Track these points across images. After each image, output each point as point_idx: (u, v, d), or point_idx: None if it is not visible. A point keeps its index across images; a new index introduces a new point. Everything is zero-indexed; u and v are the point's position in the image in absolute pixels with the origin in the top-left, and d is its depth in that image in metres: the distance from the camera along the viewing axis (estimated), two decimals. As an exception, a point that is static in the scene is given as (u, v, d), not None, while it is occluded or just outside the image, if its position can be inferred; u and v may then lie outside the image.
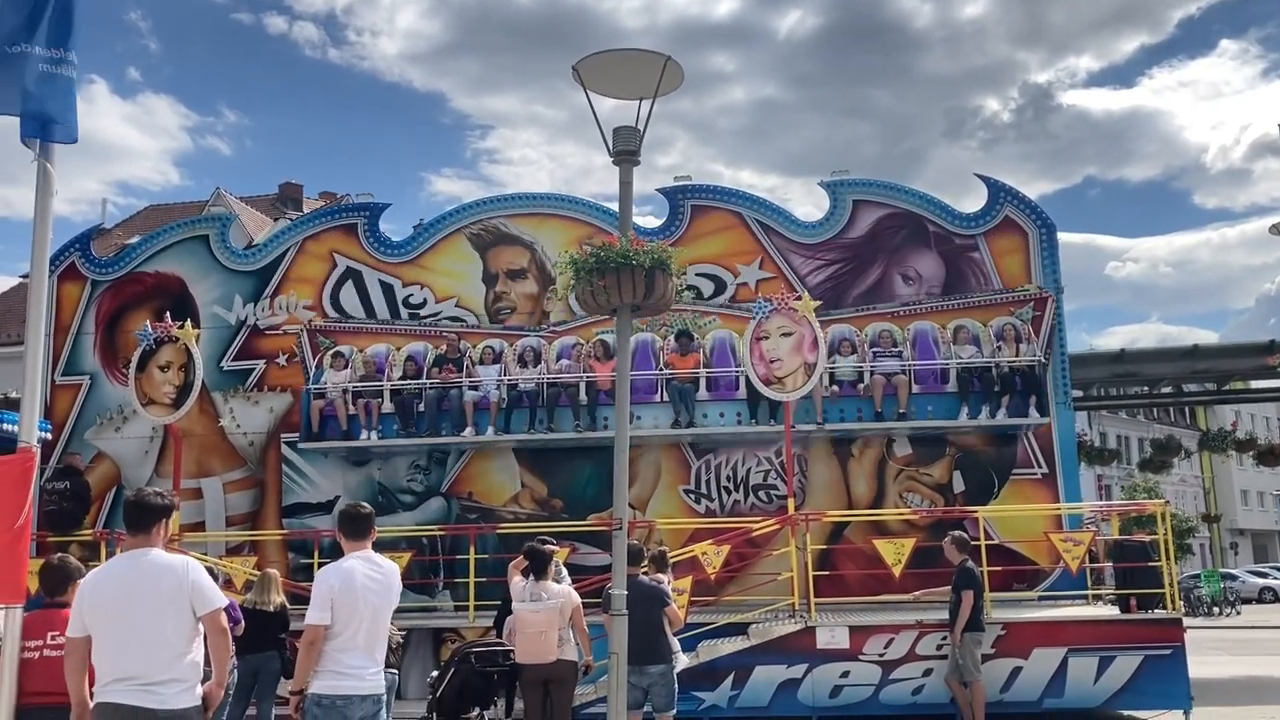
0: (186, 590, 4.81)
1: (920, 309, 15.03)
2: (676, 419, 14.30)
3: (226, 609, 5.05)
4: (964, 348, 14.41)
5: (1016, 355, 14.14)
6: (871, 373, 14.19)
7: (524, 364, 14.87)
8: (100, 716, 4.72)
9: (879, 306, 15.12)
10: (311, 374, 15.32)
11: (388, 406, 14.84)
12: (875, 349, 14.51)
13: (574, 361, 14.87)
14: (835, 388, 14.27)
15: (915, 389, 14.18)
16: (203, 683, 4.92)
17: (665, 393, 14.45)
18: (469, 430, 14.52)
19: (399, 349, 15.39)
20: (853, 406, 14.31)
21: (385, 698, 5.74)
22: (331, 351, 15.34)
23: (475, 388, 14.65)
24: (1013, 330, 14.39)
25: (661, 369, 14.58)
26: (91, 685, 4.83)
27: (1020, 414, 13.97)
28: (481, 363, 14.97)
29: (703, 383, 14.52)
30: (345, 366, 15.12)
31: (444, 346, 15.19)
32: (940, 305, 15.03)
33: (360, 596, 5.55)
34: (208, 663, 4.98)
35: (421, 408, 14.71)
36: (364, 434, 14.71)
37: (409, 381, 14.88)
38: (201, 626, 4.86)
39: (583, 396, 14.54)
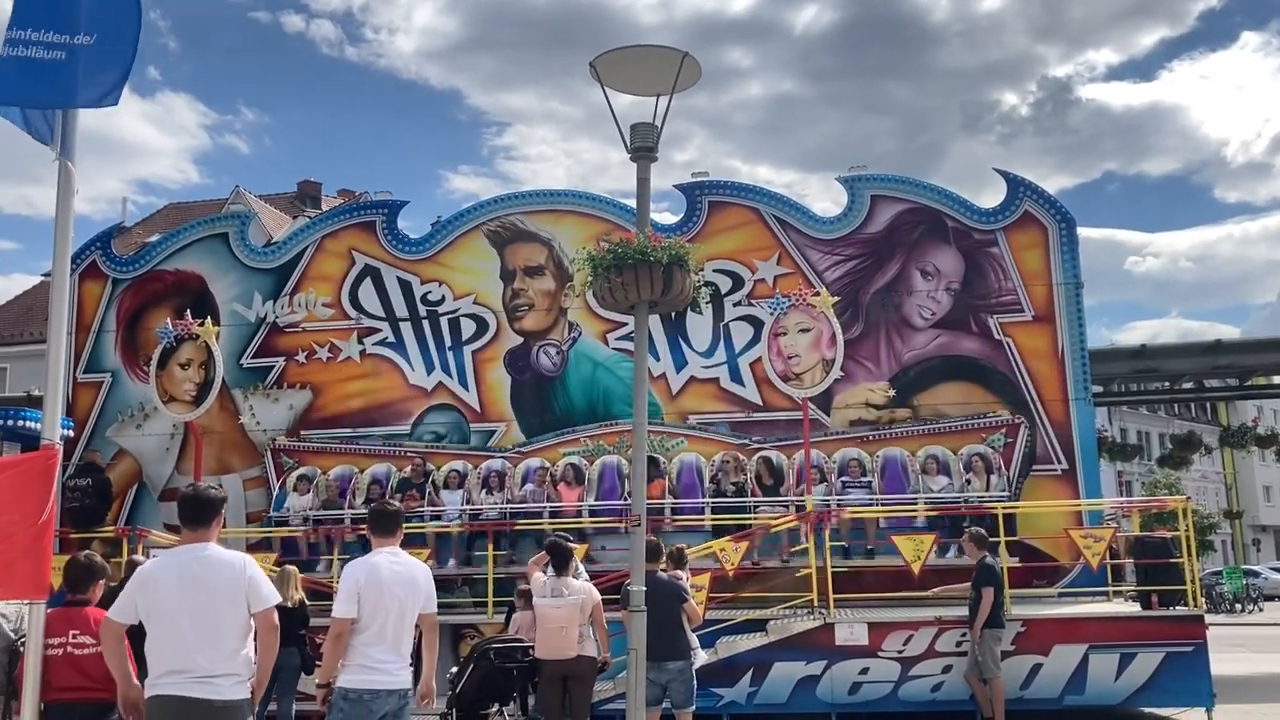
0: (244, 586, 4.91)
1: (889, 434, 14.62)
2: None
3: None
4: (935, 479, 13.85)
5: (987, 488, 13.47)
6: (838, 504, 13.31)
7: (488, 488, 14.48)
8: (157, 709, 4.78)
9: (846, 432, 14.69)
10: (274, 497, 15.05)
11: (350, 536, 13.87)
12: (844, 479, 14.00)
13: (538, 486, 14.39)
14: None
15: (882, 524, 13.28)
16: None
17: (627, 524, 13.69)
18: (430, 562, 13.55)
19: (363, 471, 15.20)
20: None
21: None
22: (296, 474, 15.05)
23: (438, 516, 14.09)
24: (982, 461, 13.85)
25: (626, 496, 13.68)
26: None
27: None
28: (446, 486, 14.54)
29: (668, 511, 13.88)
30: (309, 490, 14.75)
31: (409, 469, 14.82)
32: (909, 431, 14.65)
33: (386, 590, 5.58)
34: None
35: None
36: (319, 566, 13.75)
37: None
38: (253, 623, 4.95)
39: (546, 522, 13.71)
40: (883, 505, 13.41)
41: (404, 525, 6.12)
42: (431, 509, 14.16)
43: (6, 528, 4.40)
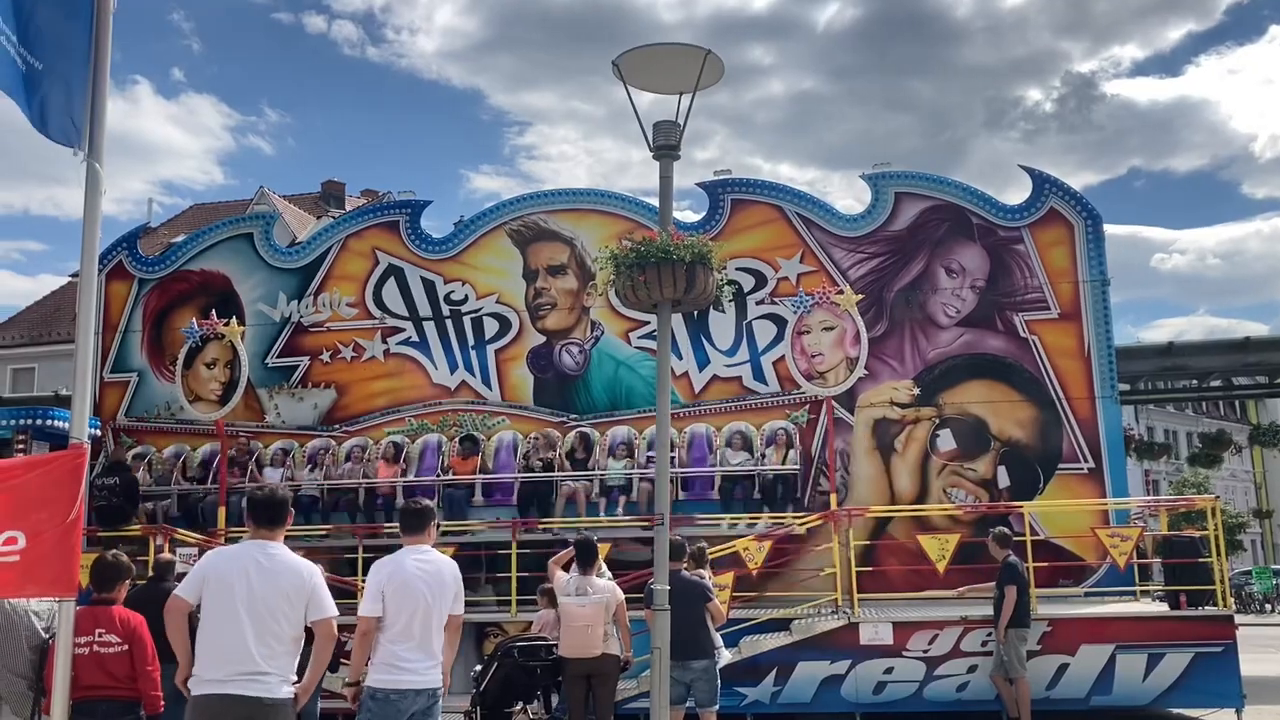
0: (306, 594, 4.98)
1: (697, 411, 14.95)
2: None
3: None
4: (737, 453, 14.23)
5: (783, 462, 13.91)
6: (639, 479, 13.89)
7: (312, 465, 15.04)
8: (203, 709, 4.81)
9: (649, 409, 14.51)
10: (99, 465, 15.07)
11: (175, 511, 14.94)
12: (650, 453, 14.06)
13: (356, 464, 14.88)
14: (604, 498, 14.09)
15: (682, 495, 13.90)
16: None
17: (440, 498, 14.03)
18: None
19: (194, 449, 15.56)
20: (614, 509, 13.97)
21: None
22: (132, 452, 15.49)
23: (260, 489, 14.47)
24: (784, 436, 14.25)
25: (439, 475, 14.65)
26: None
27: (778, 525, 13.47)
28: (271, 464, 15.08)
29: (478, 489, 14.49)
30: (140, 468, 15.21)
31: (235, 449, 15.12)
32: (719, 407, 15.02)
33: (412, 588, 5.56)
34: None
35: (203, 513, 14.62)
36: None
37: (195, 486, 15.07)
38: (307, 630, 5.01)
39: (360, 500, 14.53)
40: (682, 480, 14.10)
41: (435, 522, 6.07)
42: (252, 485, 14.37)
43: (36, 526, 4.43)
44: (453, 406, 15.70)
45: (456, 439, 14.98)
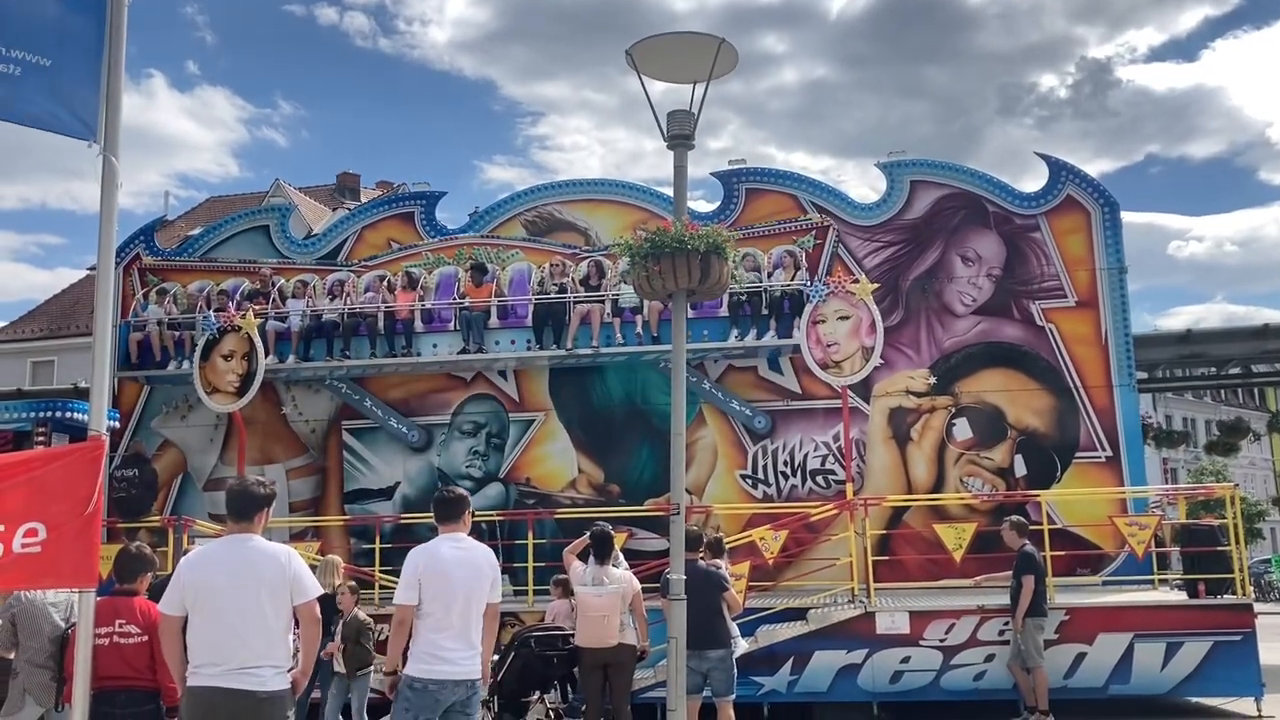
0: (288, 580, 4.94)
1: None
2: (465, 346, 14.80)
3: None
4: (746, 274, 14.50)
5: (793, 278, 14.34)
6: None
7: (331, 296, 15.57)
8: (197, 701, 4.81)
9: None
10: (135, 307, 15.96)
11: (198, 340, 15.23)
12: None
13: (375, 293, 15.44)
14: (618, 318, 14.63)
15: (690, 314, 14.02)
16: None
17: (457, 321, 14.97)
18: (270, 358, 14.86)
19: (219, 284, 15.98)
20: (632, 330, 14.64)
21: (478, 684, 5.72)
22: (156, 289, 16.17)
23: (282, 319, 15.32)
24: (791, 258, 14.66)
25: (455, 299, 15.21)
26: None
27: (785, 335, 14.14)
28: (294, 296, 15.63)
29: (494, 312, 15.02)
30: (164, 301, 15.95)
31: (258, 282, 15.91)
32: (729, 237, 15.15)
33: (450, 576, 5.54)
34: None
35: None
36: (173, 364, 15.54)
37: (220, 314, 15.17)
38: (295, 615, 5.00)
39: (380, 326, 15.12)
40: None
41: (470, 508, 6.01)
42: (275, 312, 15.35)
43: (55, 517, 4.45)
44: (468, 241, 16.14)
45: (468, 267, 15.38)
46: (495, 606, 5.76)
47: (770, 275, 14.53)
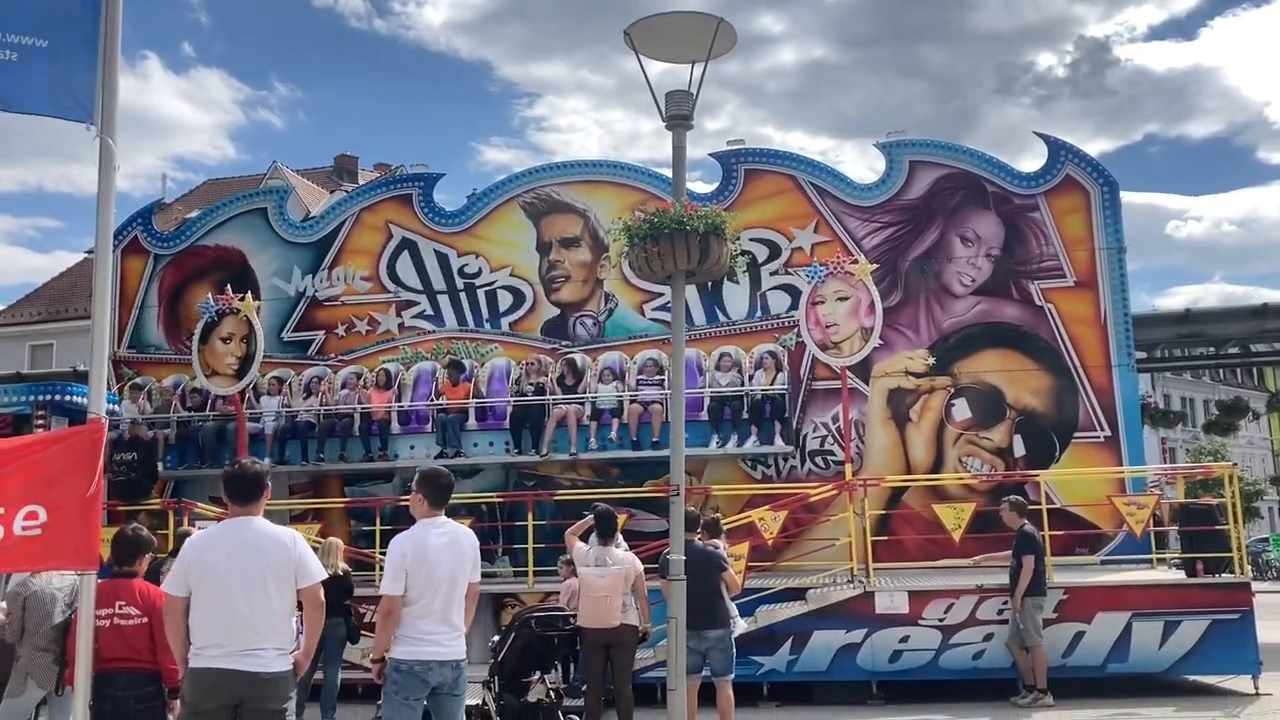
0: (293, 563, 4.97)
1: (690, 334, 14.63)
2: (443, 450, 14.33)
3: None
4: (726, 374, 14.37)
5: (772, 383, 14.04)
6: (631, 400, 14.19)
7: (308, 393, 15.27)
8: (200, 681, 4.83)
9: (651, 334, 15.22)
10: (111, 404, 15.14)
11: (173, 439, 15.26)
12: (640, 377, 14.53)
13: (352, 391, 15.12)
14: (594, 421, 14.32)
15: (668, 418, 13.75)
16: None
17: (433, 423, 14.66)
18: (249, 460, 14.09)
19: (192, 379, 15.29)
20: (606, 434, 14.26)
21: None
22: (130, 383, 15.68)
23: (256, 419, 14.91)
24: (772, 359, 14.41)
25: (432, 400, 14.85)
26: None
27: (767, 441, 14.04)
28: (267, 393, 15.24)
29: (471, 413, 14.68)
30: (139, 397, 15.48)
31: None
32: (709, 332, 15.14)
33: (435, 563, 5.57)
34: None
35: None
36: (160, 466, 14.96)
37: (192, 413, 15.26)
38: (299, 598, 5.02)
39: (355, 428, 14.83)
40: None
41: (453, 492, 6.04)
42: (250, 412, 14.89)
43: (56, 500, 4.46)
44: (446, 334, 15.93)
45: (445, 365, 15.17)
46: (475, 586, 5.80)
47: (751, 378, 14.33)
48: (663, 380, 14.18)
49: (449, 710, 5.63)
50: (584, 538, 8.90)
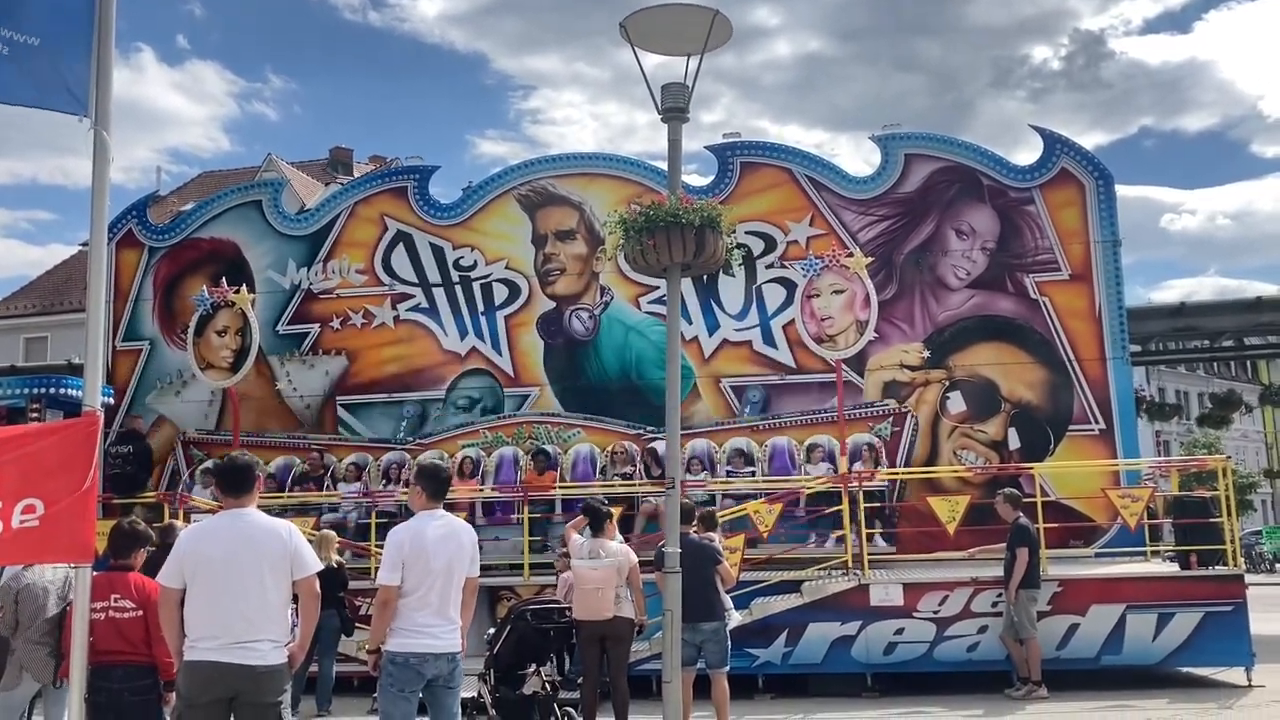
0: (289, 554, 4.97)
1: (779, 423, 14.56)
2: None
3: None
4: (817, 465, 13.57)
5: (871, 479, 12.92)
6: (722, 495, 13.21)
7: (387, 479, 14.44)
8: (194, 674, 4.82)
9: (735, 421, 14.76)
10: (180, 487, 14.81)
11: None
12: (728, 467, 13.93)
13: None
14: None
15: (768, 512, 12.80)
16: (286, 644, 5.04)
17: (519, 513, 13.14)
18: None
19: (267, 463, 14.84)
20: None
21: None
22: (201, 466, 14.96)
23: (335, 508, 14.06)
24: (870, 451, 13.78)
25: (519, 488, 13.64)
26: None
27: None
28: (345, 479, 14.43)
29: (558, 503, 13.38)
30: (212, 483, 14.71)
31: (307, 463, 14.90)
32: (799, 420, 14.58)
33: (431, 555, 5.57)
34: None
35: None
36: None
37: (269, 498, 14.13)
38: (294, 589, 5.02)
39: None
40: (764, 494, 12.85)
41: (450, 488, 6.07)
42: (327, 500, 14.12)
43: (52, 493, 4.46)
44: (526, 419, 15.35)
45: (530, 453, 14.39)
46: (474, 580, 5.80)
47: (849, 470, 13.07)
48: (753, 471, 13.74)
49: (444, 703, 5.64)
50: (583, 531, 8.94)
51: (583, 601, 8.39)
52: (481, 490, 13.91)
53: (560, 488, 13.59)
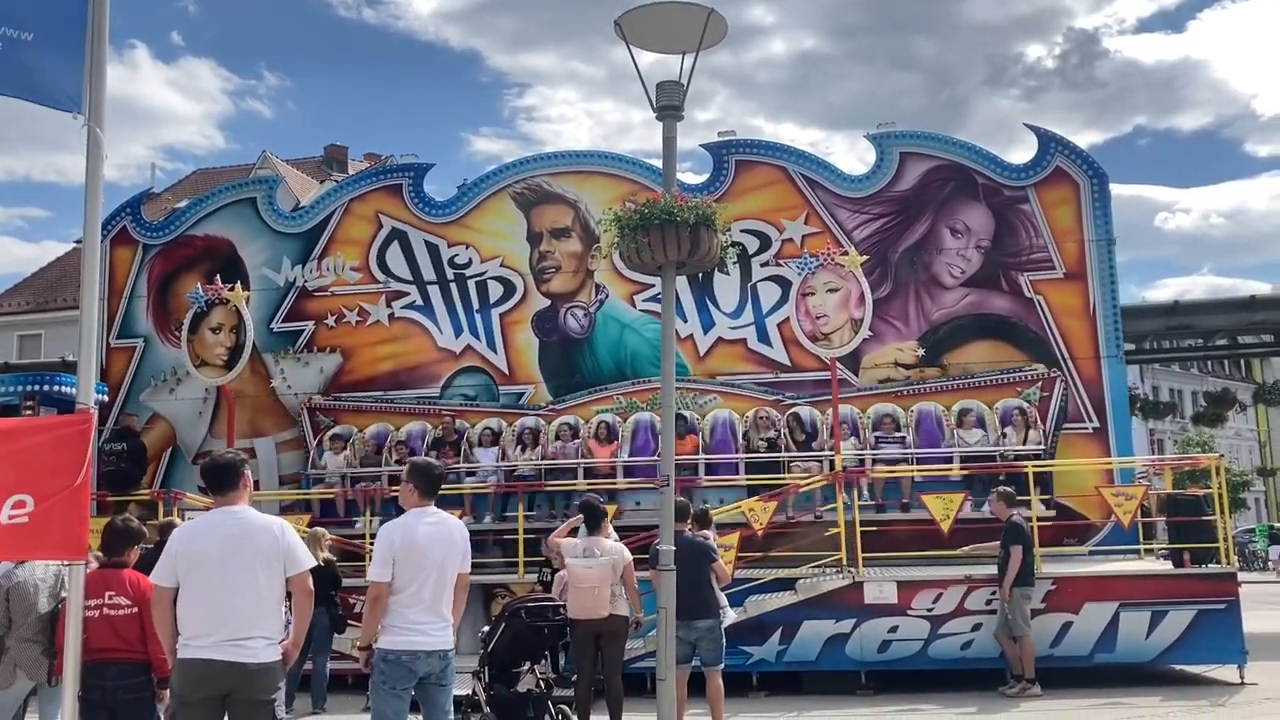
0: (281, 551, 4.94)
1: (923, 389, 14.52)
2: None
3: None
4: (970, 431, 13.64)
5: (1024, 442, 13.28)
6: (873, 462, 13.37)
7: (522, 445, 14.38)
8: (188, 672, 4.80)
9: (879, 388, 14.64)
10: (312, 455, 15.04)
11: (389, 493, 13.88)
12: (877, 433, 13.88)
13: (567, 443, 14.22)
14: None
15: (918, 478, 13.15)
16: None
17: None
18: (467, 519, 12.70)
19: (398, 429, 15.05)
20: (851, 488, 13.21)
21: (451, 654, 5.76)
22: (331, 433, 15.08)
23: (473, 472, 14.15)
24: (1021, 415, 13.64)
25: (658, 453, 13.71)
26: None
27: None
28: (480, 444, 14.47)
29: (701, 467, 13.77)
30: (345, 448, 14.74)
31: (441, 428, 14.85)
32: (944, 385, 14.54)
33: (423, 552, 5.56)
34: None
35: None
36: (361, 524, 13.48)
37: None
38: (287, 586, 5.00)
39: (580, 479, 13.78)
40: (918, 460, 13.36)
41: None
42: (466, 465, 14.22)
43: (44, 489, 4.45)
44: (657, 385, 15.21)
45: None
46: (465, 577, 5.79)
47: (1003, 436, 13.51)
48: (903, 438, 13.73)
49: (436, 700, 5.63)
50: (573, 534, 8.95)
51: (578, 600, 8.38)
52: (617, 455, 13.97)
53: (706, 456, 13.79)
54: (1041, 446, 13.44)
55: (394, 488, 12.75)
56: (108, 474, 14.41)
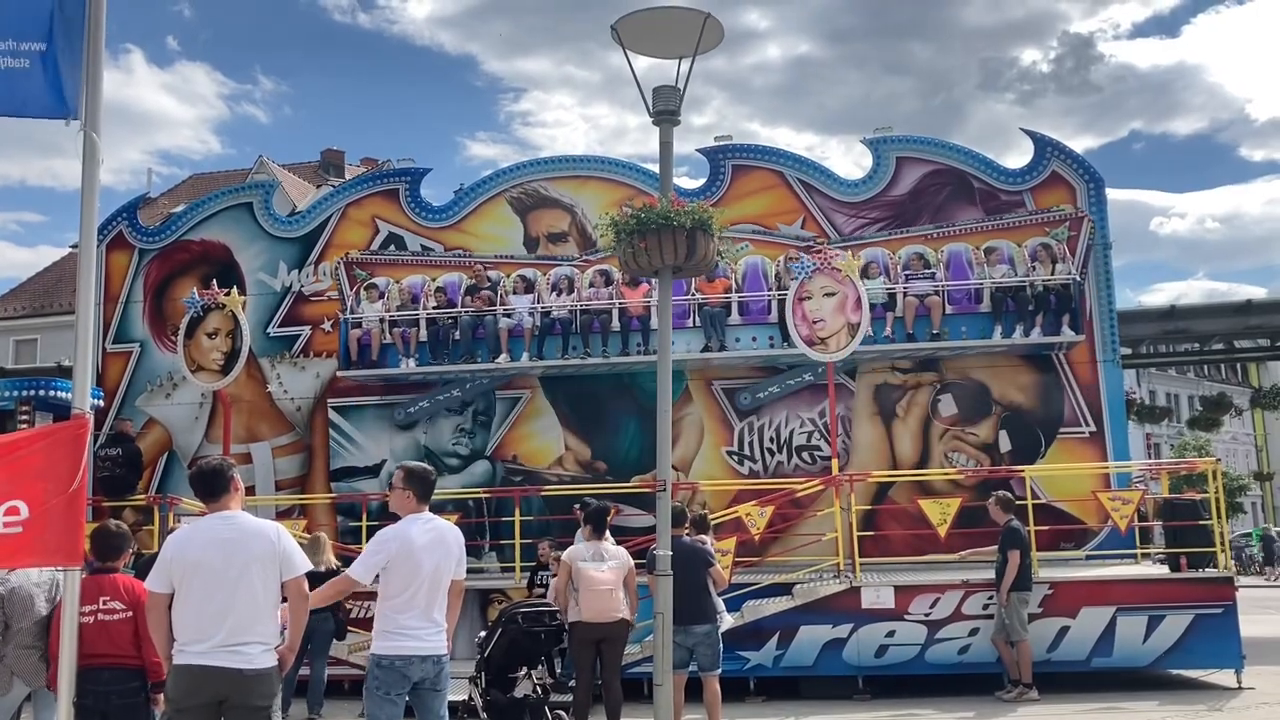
0: (278, 555, 4.93)
1: (953, 231, 14.90)
2: (707, 344, 14.39)
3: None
4: (997, 268, 14.34)
5: (1052, 274, 14.09)
6: (904, 294, 14.18)
7: (557, 292, 15.11)
8: (183, 678, 4.78)
9: (910, 230, 15.04)
10: (349, 304, 15.46)
11: (424, 336, 15.09)
12: (907, 271, 14.51)
13: (597, 289, 15.03)
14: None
15: (948, 309, 14.18)
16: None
17: (696, 318, 14.56)
18: (503, 357, 14.67)
19: (434, 279, 15.59)
20: (881, 329, 14.13)
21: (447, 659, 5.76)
22: (366, 284, 15.59)
23: (509, 315, 14.89)
24: (1047, 251, 14.34)
25: (692, 294, 14.61)
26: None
27: (1053, 332, 13.95)
28: (514, 292, 15.19)
29: (734, 307, 14.63)
30: (380, 298, 15.41)
31: (474, 276, 15.44)
32: (974, 227, 14.89)
33: (418, 559, 5.56)
34: None
35: (457, 336, 14.89)
36: (402, 362, 14.99)
37: (445, 310, 15.07)
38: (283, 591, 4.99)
39: (615, 323, 14.67)
40: (948, 293, 14.22)
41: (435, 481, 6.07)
42: (503, 308, 14.90)
43: (38, 496, 4.44)
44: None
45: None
46: (460, 583, 5.79)
47: (1032, 269, 14.24)
48: (932, 274, 14.35)
49: (431, 706, 5.62)
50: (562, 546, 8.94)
51: (593, 603, 8.29)
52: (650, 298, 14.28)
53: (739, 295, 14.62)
54: (1070, 276, 13.94)
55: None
56: (103, 479, 14.39)
